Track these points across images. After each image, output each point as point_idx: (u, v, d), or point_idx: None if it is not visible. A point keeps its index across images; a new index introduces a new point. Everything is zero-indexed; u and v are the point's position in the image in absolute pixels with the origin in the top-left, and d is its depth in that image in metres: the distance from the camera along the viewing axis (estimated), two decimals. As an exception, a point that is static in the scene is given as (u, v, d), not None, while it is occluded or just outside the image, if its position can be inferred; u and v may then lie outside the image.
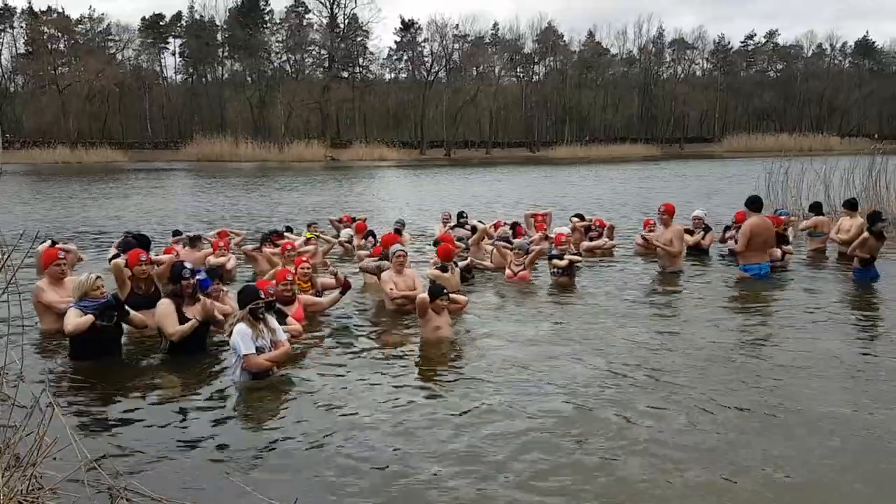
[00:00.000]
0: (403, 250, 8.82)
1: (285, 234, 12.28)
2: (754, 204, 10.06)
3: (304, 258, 8.82)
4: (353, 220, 14.02)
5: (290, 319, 7.04)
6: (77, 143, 65.52)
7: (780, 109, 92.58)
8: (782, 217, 12.07)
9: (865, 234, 9.83)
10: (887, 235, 10.41)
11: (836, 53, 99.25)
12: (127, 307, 6.79)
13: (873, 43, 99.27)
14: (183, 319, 6.60)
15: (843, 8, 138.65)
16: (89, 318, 6.30)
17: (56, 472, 3.90)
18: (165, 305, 6.67)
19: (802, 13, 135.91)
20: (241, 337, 5.86)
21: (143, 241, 9.98)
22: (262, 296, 6.12)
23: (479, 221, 12.45)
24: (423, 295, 7.04)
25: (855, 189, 15.28)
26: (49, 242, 8.53)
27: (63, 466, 3.95)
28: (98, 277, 6.55)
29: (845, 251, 11.04)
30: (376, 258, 9.61)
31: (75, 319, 6.29)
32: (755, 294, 9.18)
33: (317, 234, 12.05)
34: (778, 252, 10.73)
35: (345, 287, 8.18)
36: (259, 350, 5.91)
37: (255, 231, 15.24)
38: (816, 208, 12.94)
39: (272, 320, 6.22)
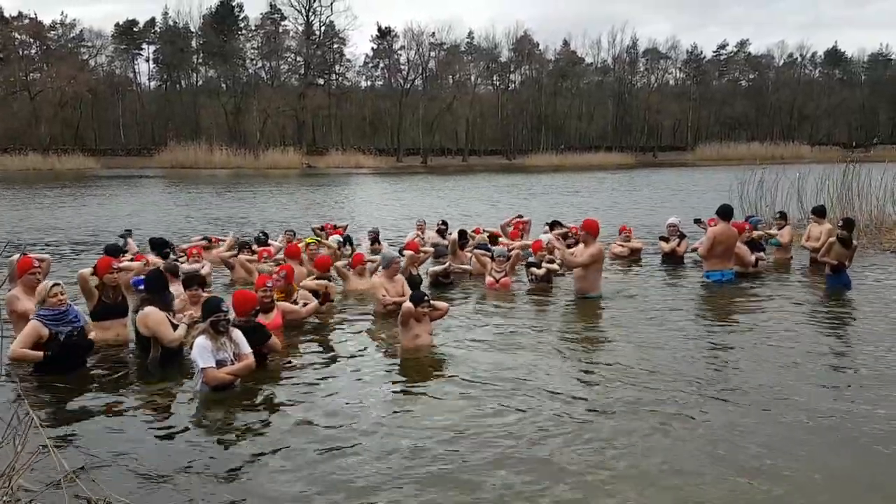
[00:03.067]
0: (400, 258, 9.16)
1: (269, 242, 12.29)
2: (723, 213, 10.38)
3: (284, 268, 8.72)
4: (335, 227, 14.08)
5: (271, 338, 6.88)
6: (49, 150, 64.53)
7: (751, 118, 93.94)
8: (749, 224, 12.11)
9: (832, 239, 10.05)
10: (857, 243, 10.59)
11: (806, 63, 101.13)
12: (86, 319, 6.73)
13: (843, 53, 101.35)
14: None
15: (811, 17, 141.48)
16: (38, 354, 6.27)
17: (35, 484, 3.87)
18: (156, 313, 6.51)
19: (770, 22, 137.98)
20: (200, 350, 5.80)
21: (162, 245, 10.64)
22: (224, 308, 6.04)
23: (460, 231, 12.44)
24: (409, 304, 7.04)
25: (829, 197, 15.53)
26: (19, 255, 8.43)
27: (42, 478, 3.92)
28: (55, 285, 6.47)
29: (816, 258, 11.25)
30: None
31: (24, 351, 6.24)
32: (731, 301, 9.32)
33: (318, 239, 12.00)
34: (752, 258, 10.90)
35: (325, 298, 8.16)
36: (220, 363, 5.83)
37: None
38: (783, 217, 13.11)
39: (236, 332, 6.12)
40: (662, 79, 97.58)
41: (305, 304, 8.25)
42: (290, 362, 6.88)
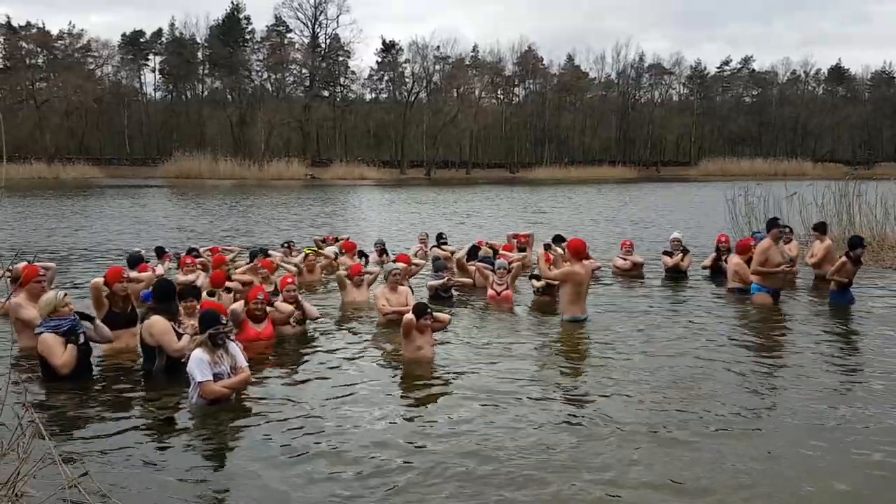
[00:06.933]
0: (398, 269, 9.22)
1: (270, 253, 12.30)
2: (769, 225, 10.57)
3: (289, 279, 8.73)
4: (336, 240, 14.10)
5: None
6: (54, 159, 64.84)
7: (755, 134, 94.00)
8: (755, 240, 12.09)
9: (843, 258, 9.98)
10: (863, 261, 10.58)
11: (809, 80, 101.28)
12: (92, 317, 6.80)
13: (846, 70, 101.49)
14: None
15: (809, 35, 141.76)
16: (72, 348, 6.32)
17: (39, 491, 3.88)
18: (163, 323, 6.53)
19: (768, 38, 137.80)
20: (198, 364, 5.74)
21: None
22: (223, 321, 6.01)
23: (471, 247, 12.41)
24: (409, 315, 7.06)
25: (827, 213, 15.56)
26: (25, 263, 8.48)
27: (46, 485, 3.93)
28: (66, 294, 6.54)
29: (820, 274, 11.26)
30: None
31: (65, 356, 6.28)
32: (735, 318, 9.32)
33: (314, 249, 12.06)
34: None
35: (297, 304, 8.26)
36: (217, 377, 5.79)
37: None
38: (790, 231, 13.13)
39: (232, 345, 6.11)
40: (666, 94, 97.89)
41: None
42: (288, 373, 6.89)
